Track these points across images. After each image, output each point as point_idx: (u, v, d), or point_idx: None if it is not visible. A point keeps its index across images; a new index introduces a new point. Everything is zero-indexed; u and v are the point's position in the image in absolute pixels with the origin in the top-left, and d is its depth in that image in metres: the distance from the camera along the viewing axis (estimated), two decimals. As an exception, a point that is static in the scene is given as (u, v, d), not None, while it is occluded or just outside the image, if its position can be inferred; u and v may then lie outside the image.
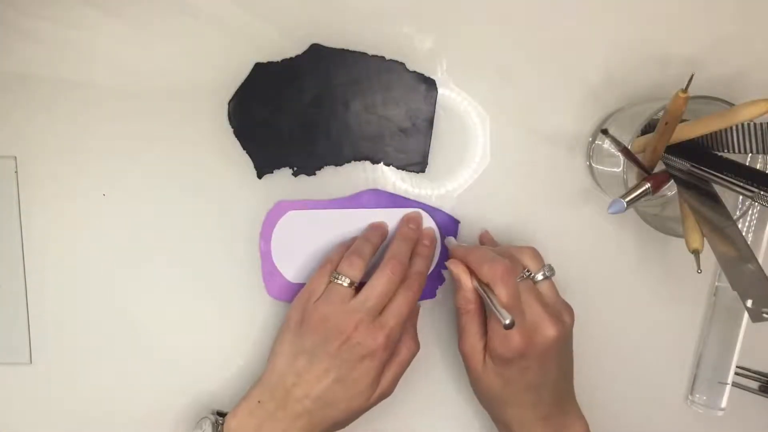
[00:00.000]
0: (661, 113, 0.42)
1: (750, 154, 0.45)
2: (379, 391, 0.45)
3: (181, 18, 0.49)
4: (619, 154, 0.43)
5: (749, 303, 0.41)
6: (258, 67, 0.49)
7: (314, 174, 0.50)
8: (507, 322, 0.40)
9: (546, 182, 0.51)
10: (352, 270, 0.45)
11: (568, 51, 0.49)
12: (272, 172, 0.50)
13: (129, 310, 0.51)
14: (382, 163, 0.50)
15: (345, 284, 0.45)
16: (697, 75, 0.40)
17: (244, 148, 0.49)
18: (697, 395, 0.52)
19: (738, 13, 0.49)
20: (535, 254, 0.46)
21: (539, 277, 0.45)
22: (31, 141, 0.49)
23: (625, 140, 0.43)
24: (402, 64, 0.49)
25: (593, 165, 0.50)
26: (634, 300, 0.51)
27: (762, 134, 0.41)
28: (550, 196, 0.51)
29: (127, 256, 0.50)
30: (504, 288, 0.42)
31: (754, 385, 0.52)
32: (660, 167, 0.45)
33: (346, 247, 0.47)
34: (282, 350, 0.45)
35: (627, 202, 0.41)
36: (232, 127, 0.49)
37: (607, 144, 0.47)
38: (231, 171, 0.50)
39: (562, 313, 0.45)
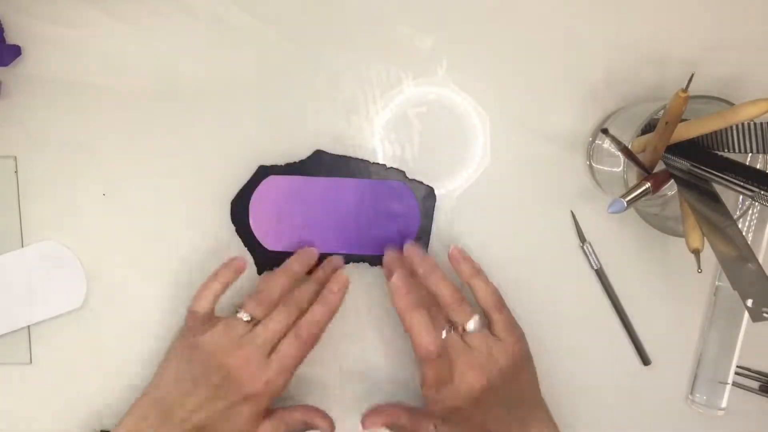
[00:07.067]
0: (661, 113, 0.42)
1: (750, 154, 0.45)
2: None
3: (182, 17, 0.49)
4: (620, 153, 0.43)
5: (749, 303, 0.41)
6: (261, 169, 0.49)
7: None
8: None
9: (546, 182, 0.51)
10: (257, 310, 0.44)
11: (568, 51, 0.49)
12: (272, 270, 0.50)
13: (128, 311, 0.51)
14: (380, 266, 0.50)
15: (244, 319, 0.44)
16: (697, 75, 0.40)
17: (245, 245, 0.50)
18: (697, 395, 0.52)
19: (738, 13, 0.49)
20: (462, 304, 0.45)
21: (470, 327, 0.44)
22: (31, 141, 0.49)
23: (626, 140, 0.43)
24: (402, 171, 0.49)
25: (593, 165, 0.50)
26: (635, 300, 0.51)
27: (762, 134, 0.41)
28: (550, 196, 0.51)
29: (127, 256, 0.50)
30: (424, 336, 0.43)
31: (754, 385, 0.52)
32: (660, 167, 0.45)
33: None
34: (169, 367, 0.45)
35: (627, 202, 0.41)
36: (234, 226, 0.49)
37: (607, 144, 0.47)
38: (231, 170, 0.50)
39: (495, 359, 0.44)
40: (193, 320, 0.46)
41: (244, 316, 0.44)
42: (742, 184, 0.42)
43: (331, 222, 0.49)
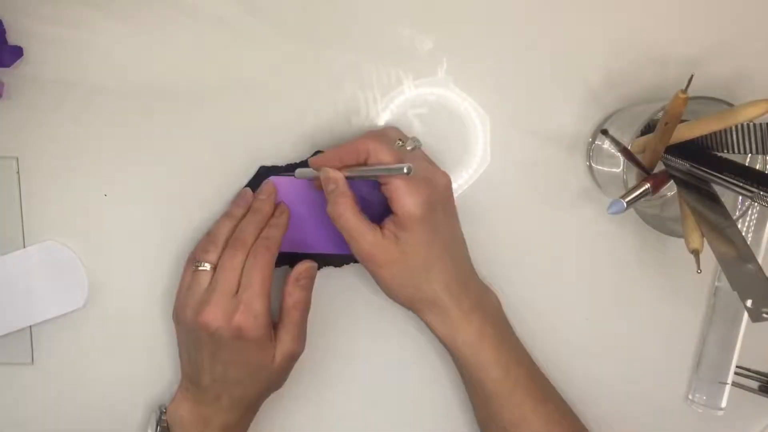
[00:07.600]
0: (660, 114, 0.42)
1: (750, 154, 0.45)
2: (281, 354, 0.45)
3: (182, 17, 0.49)
4: (619, 154, 0.43)
5: (749, 303, 0.41)
6: (262, 170, 0.49)
7: None
8: (405, 170, 0.41)
9: (546, 182, 0.51)
10: (207, 254, 0.45)
11: (568, 51, 0.49)
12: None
13: (130, 311, 0.51)
14: None
15: (207, 269, 0.45)
16: (697, 75, 0.40)
17: None
18: (697, 395, 0.52)
19: (738, 14, 0.49)
20: (398, 131, 0.47)
21: (408, 147, 0.45)
22: (32, 141, 0.49)
23: (625, 140, 0.43)
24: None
25: (593, 165, 0.50)
26: (634, 300, 0.52)
27: (762, 135, 0.41)
28: (550, 196, 0.51)
29: (129, 256, 0.50)
30: (386, 149, 0.43)
31: (754, 385, 0.52)
32: (660, 167, 0.45)
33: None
34: (179, 343, 0.48)
35: (627, 203, 0.41)
36: None
37: (607, 144, 0.48)
38: (232, 171, 0.50)
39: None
40: (180, 286, 0.47)
41: (201, 266, 0.45)
42: (741, 184, 0.42)
43: (332, 222, 0.49)
